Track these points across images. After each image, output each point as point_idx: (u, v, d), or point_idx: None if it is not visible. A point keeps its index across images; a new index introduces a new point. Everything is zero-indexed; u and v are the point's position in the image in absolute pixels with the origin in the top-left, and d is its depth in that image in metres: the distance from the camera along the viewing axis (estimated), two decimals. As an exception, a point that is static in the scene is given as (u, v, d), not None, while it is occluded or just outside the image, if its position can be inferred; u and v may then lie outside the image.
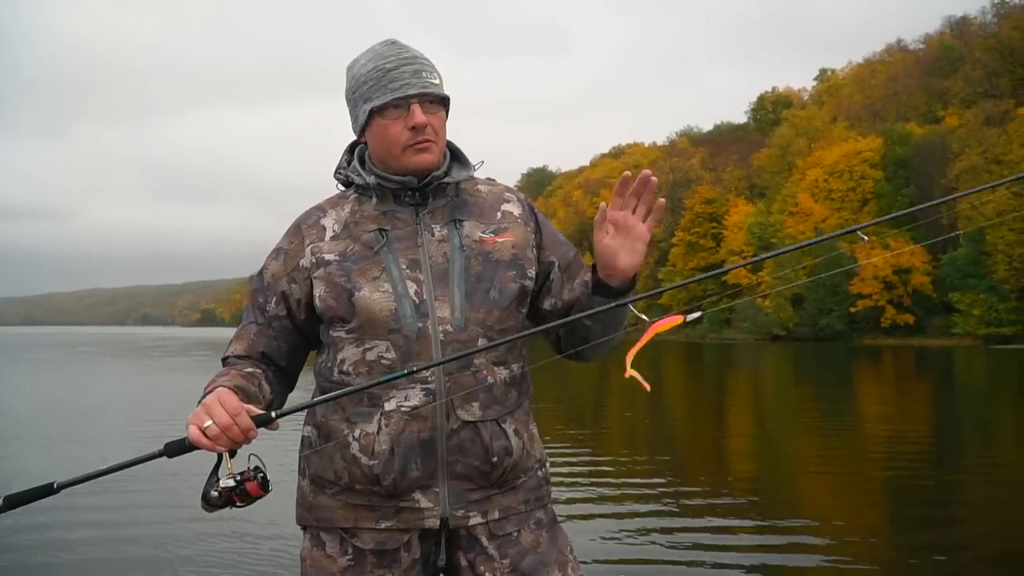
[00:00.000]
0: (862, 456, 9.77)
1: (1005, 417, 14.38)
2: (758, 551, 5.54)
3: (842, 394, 18.63)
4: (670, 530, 6.05)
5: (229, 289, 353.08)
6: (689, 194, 75.55)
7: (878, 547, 5.71)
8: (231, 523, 5.97)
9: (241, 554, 5.47)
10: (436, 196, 1.77)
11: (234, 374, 1.69)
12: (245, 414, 1.51)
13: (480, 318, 1.69)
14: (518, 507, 1.75)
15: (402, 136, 1.69)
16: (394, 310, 1.66)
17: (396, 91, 1.67)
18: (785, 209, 64.91)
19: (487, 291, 1.71)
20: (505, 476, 1.72)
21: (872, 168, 61.41)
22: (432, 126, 1.70)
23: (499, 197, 1.85)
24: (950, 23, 71.87)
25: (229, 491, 1.52)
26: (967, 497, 7.50)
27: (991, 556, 5.48)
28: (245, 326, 1.83)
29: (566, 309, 1.82)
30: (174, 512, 6.61)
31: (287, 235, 1.82)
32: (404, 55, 1.70)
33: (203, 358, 37.85)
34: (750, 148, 77.78)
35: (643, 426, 12.55)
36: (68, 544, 5.76)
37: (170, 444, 1.55)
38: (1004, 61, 61.84)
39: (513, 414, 1.74)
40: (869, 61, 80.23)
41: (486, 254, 1.74)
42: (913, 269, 56.44)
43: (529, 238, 1.81)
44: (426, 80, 1.69)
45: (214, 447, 1.50)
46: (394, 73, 1.68)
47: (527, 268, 1.77)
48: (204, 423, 1.49)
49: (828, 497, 7.54)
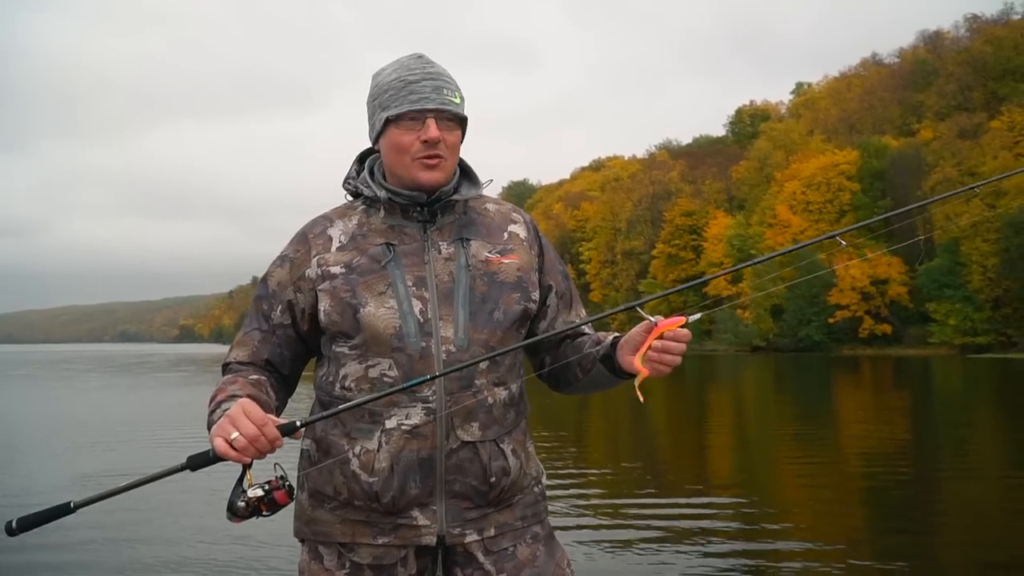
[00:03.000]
0: (840, 463, 9.90)
1: (980, 425, 14.60)
2: (739, 556, 5.62)
3: (822, 403, 18.81)
4: (650, 541, 6.13)
5: (208, 305, 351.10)
6: (669, 207, 76.10)
7: (854, 553, 5.80)
8: (232, 531, 5.96)
9: (239, 563, 5.48)
10: (444, 213, 1.77)
11: (243, 382, 1.68)
12: (271, 424, 1.50)
13: (483, 339, 1.69)
14: (514, 523, 1.75)
15: (413, 147, 1.69)
16: (398, 328, 1.65)
17: (414, 103, 1.67)
18: (764, 221, 65.52)
19: (491, 312, 1.71)
20: (502, 495, 1.73)
21: (849, 180, 62.21)
22: (446, 142, 1.70)
23: (506, 218, 1.85)
24: (924, 37, 73.14)
25: (258, 500, 1.51)
26: (943, 505, 7.62)
27: (965, 563, 5.59)
28: (248, 332, 1.81)
29: (558, 340, 1.86)
30: (178, 518, 6.65)
31: (293, 243, 1.81)
32: (429, 70, 1.71)
33: (192, 374, 37.56)
34: (729, 161, 78.49)
35: (624, 434, 12.63)
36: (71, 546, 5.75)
37: (193, 457, 1.51)
38: (977, 75, 62.90)
39: (511, 434, 1.75)
40: (845, 75, 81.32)
41: (491, 275, 1.73)
42: (890, 280, 57.10)
43: (533, 261, 1.81)
44: (446, 97, 1.69)
45: (241, 458, 1.49)
46: (415, 86, 1.68)
47: (531, 291, 1.77)
48: (230, 435, 1.48)
49: (807, 504, 7.63)
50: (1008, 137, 52.66)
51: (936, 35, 71.84)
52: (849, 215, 61.85)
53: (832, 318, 57.18)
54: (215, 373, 7.74)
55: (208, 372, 38.33)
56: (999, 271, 49.44)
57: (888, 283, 57.09)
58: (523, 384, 1.82)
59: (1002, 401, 19.93)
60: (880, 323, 56.97)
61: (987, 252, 50.40)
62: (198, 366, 47.36)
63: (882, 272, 57.19)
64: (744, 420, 15.05)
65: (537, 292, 1.79)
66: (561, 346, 1.86)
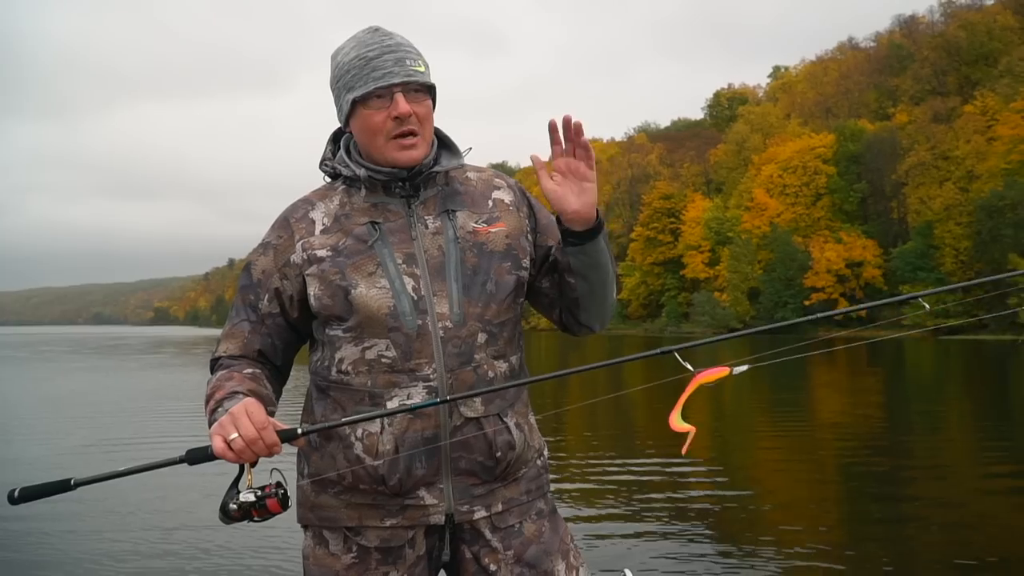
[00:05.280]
0: (815, 443, 10.15)
1: (951, 404, 14.97)
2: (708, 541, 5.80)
3: (796, 384, 19.10)
4: (624, 516, 6.29)
5: (183, 288, 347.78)
6: (647, 189, 76.34)
7: (829, 534, 5.99)
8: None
9: (242, 548, 5.51)
10: (427, 186, 1.73)
11: (239, 377, 1.64)
12: (271, 429, 1.48)
13: (479, 313, 1.66)
14: (520, 498, 1.75)
15: (386, 125, 1.65)
16: (392, 307, 1.62)
17: (379, 80, 1.62)
18: (741, 204, 65.98)
19: (484, 284, 1.68)
20: (508, 469, 1.72)
21: (825, 164, 62.71)
22: (417, 115, 1.65)
23: (489, 184, 1.80)
24: (900, 22, 73.66)
25: (249, 505, 1.50)
26: (916, 486, 7.85)
27: (939, 545, 5.78)
28: (236, 324, 1.75)
29: (560, 290, 1.81)
30: (178, 504, 6.70)
31: (274, 229, 1.75)
32: (387, 43, 1.65)
33: (172, 356, 37.38)
34: (707, 144, 78.89)
35: (603, 416, 12.80)
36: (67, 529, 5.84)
37: (192, 451, 1.52)
38: (951, 59, 63.47)
39: (514, 407, 1.73)
40: (821, 59, 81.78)
41: (480, 245, 1.70)
42: (865, 262, 57.78)
43: (523, 225, 1.77)
44: (410, 68, 1.64)
45: (238, 460, 1.48)
46: (376, 62, 1.63)
47: (522, 258, 1.74)
48: (230, 435, 1.46)
49: (783, 483, 7.85)
50: (981, 121, 53.26)
51: (912, 20, 72.35)
52: (825, 198, 62.45)
53: (808, 300, 57.78)
54: (195, 355, 7.91)
55: (188, 354, 38.25)
56: (971, 254, 50.16)
57: (863, 265, 57.78)
58: (523, 356, 1.80)
59: (970, 379, 20.40)
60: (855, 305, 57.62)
61: (960, 235, 51.09)
62: (179, 348, 47.14)
63: (857, 255, 57.86)
64: (719, 403, 15.27)
65: (528, 259, 1.75)
66: (563, 289, 1.80)
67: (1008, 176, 47.51)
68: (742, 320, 60.86)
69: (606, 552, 5.23)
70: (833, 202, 62.55)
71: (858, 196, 62.18)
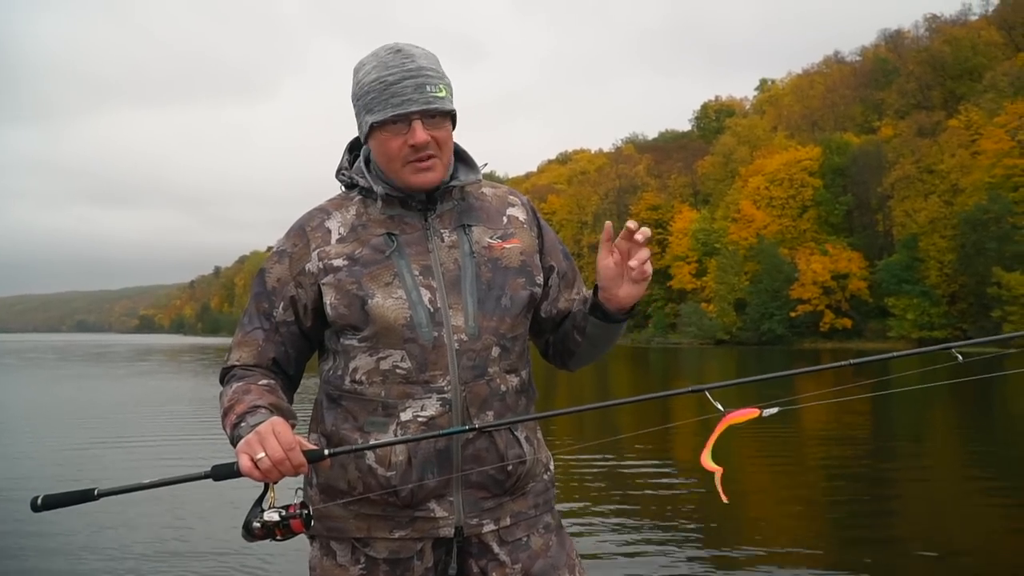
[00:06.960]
0: (800, 450, 10.22)
1: (937, 417, 15.08)
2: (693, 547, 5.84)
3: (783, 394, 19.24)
4: (613, 527, 6.32)
5: (169, 295, 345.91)
6: (635, 200, 76.64)
7: (814, 543, 6.04)
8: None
9: (247, 554, 5.52)
10: (443, 200, 1.74)
11: (258, 390, 1.63)
12: (299, 450, 1.47)
13: (493, 326, 1.67)
14: (528, 512, 1.75)
15: (402, 151, 1.64)
16: (409, 318, 1.62)
17: (397, 107, 1.61)
18: (728, 215, 66.35)
19: (498, 299, 1.69)
20: (518, 483, 1.72)
21: (811, 176, 63.19)
22: (436, 141, 1.64)
23: (504, 201, 1.82)
24: (885, 36, 74.33)
25: (273, 525, 1.48)
26: (901, 495, 7.93)
27: (924, 558, 5.85)
28: (250, 332, 1.74)
29: (560, 318, 1.84)
30: (188, 515, 6.67)
31: (289, 237, 1.75)
32: (408, 67, 1.63)
33: (159, 364, 37.14)
34: (694, 155, 79.21)
35: (591, 424, 12.83)
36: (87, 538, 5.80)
37: (218, 467, 1.51)
38: (936, 74, 64.14)
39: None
40: (808, 72, 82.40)
41: (495, 260, 1.71)
42: (851, 275, 58.16)
43: (534, 243, 1.79)
44: (430, 95, 1.62)
45: (263, 479, 1.47)
46: (396, 87, 1.61)
47: (535, 275, 1.76)
48: (257, 454, 1.45)
49: (766, 495, 7.90)
50: (965, 135, 53.81)
51: (897, 34, 73.08)
52: (811, 210, 62.90)
53: (794, 312, 58.11)
54: (182, 362, 7.89)
55: (175, 362, 38.03)
56: (955, 267, 50.60)
57: (848, 278, 58.18)
58: (531, 369, 1.82)
59: (955, 392, 20.56)
60: (840, 317, 58.03)
61: (944, 248, 51.55)
62: (166, 355, 46.84)
63: (843, 267, 58.27)
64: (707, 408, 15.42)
65: (541, 275, 1.77)
66: (562, 326, 1.85)
67: (992, 190, 48.01)
68: (728, 331, 61.13)
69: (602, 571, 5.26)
70: (819, 214, 63.04)
71: (844, 208, 62.70)
